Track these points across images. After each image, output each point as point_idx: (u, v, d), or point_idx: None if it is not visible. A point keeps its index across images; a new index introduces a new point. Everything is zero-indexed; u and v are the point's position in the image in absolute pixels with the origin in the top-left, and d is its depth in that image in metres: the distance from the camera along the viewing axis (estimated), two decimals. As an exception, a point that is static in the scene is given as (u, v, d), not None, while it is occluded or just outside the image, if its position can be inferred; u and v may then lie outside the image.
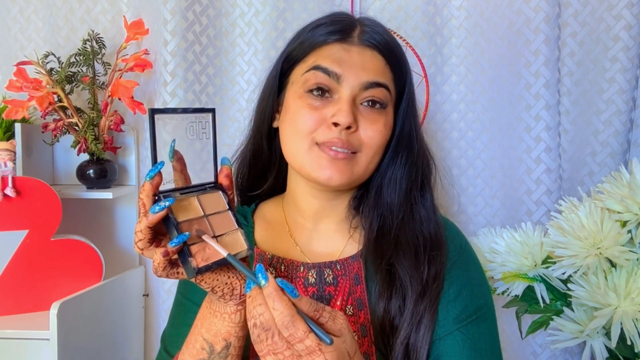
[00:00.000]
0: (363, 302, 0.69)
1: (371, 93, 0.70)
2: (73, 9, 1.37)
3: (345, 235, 0.75)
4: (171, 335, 0.73)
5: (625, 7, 1.18)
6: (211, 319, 0.62)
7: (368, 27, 0.74)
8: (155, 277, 0.84)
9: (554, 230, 0.94)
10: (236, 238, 0.60)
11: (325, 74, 0.69)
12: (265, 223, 0.79)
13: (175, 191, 0.58)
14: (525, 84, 1.21)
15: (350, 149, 0.69)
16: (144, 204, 0.54)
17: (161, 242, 0.57)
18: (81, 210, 1.34)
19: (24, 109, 1.22)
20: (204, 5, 1.28)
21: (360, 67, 0.70)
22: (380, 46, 0.72)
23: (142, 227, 0.54)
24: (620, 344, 0.86)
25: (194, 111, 0.58)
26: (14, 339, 1.06)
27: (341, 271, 0.72)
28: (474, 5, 1.26)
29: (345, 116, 0.67)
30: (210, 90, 1.30)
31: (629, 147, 1.23)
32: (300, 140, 0.70)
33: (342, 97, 0.69)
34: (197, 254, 0.56)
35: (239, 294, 0.60)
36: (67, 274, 1.16)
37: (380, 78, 0.71)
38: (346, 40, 0.72)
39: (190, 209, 0.58)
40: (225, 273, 0.59)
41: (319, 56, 0.72)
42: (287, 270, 0.72)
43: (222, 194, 0.62)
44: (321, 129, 0.69)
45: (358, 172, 0.70)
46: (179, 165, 0.58)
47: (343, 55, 0.70)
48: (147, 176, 0.54)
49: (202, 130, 0.59)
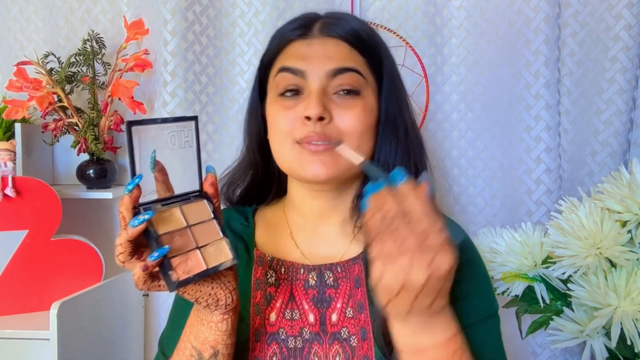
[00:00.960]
0: (363, 305, 0.69)
1: (341, 80, 0.68)
2: (73, 9, 1.37)
3: (349, 237, 0.74)
4: (169, 337, 0.73)
5: (625, 7, 1.18)
6: (199, 326, 0.62)
7: (330, 18, 0.73)
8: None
9: (554, 230, 0.94)
10: (221, 248, 0.59)
11: (291, 74, 0.69)
12: (266, 225, 0.79)
13: (157, 202, 0.57)
14: (525, 84, 1.21)
15: (329, 140, 0.67)
16: (124, 217, 0.54)
17: (143, 254, 0.56)
18: (81, 210, 1.34)
19: (24, 109, 1.22)
20: (204, 5, 1.28)
21: (323, 57, 0.69)
22: (343, 33, 0.71)
23: (122, 241, 0.54)
24: (620, 344, 0.86)
25: (174, 120, 0.57)
26: (14, 339, 1.06)
27: (342, 273, 0.71)
28: (474, 5, 1.26)
29: (314, 107, 0.66)
30: (210, 90, 1.30)
31: (629, 147, 1.23)
32: (282, 143, 0.70)
33: (311, 90, 0.68)
34: (178, 266, 0.55)
35: (224, 304, 0.59)
36: (67, 274, 1.16)
37: (347, 63, 0.69)
38: (307, 35, 0.71)
39: (172, 220, 0.57)
40: (209, 284, 0.58)
41: (283, 57, 0.72)
42: (287, 273, 0.72)
43: (207, 202, 0.61)
44: (297, 126, 0.68)
45: (345, 163, 0.67)
46: (161, 175, 0.57)
47: (305, 50, 0.70)
48: (126, 189, 0.53)
49: (184, 139, 0.58)
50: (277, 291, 0.71)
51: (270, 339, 0.68)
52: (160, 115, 1.26)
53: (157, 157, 0.56)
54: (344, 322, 0.68)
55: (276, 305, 0.70)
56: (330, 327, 0.68)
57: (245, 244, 0.75)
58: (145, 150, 0.54)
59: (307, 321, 0.69)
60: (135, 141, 0.53)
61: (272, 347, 0.67)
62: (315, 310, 0.69)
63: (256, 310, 0.70)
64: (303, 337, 0.68)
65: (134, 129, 0.53)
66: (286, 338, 0.68)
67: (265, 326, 0.69)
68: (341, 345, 0.67)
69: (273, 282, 0.71)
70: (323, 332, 0.68)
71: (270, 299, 0.70)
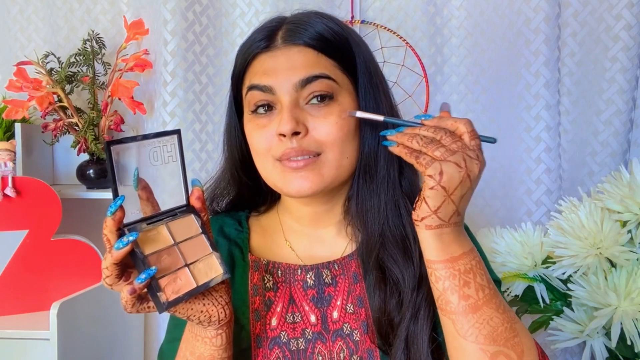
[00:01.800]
0: (363, 299, 0.69)
1: (311, 89, 0.66)
2: (73, 9, 1.37)
3: (345, 237, 0.74)
4: (168, 350, 0.72)
5: (625, 7, 1.18)
6: (194, 342, 0.61)
7: (291, 24, 0.70)
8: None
9: (554, 230, 0.94)
10: (211, 263, 0.58)
11: (259, 91, 0.67)
12: (261, 230, 0.78)
13: (142, 221, 0.55)
14: (525, 84, 1.21)
15: (309, 153, 0.65)
16: (108, 239, 0.52)
17: (130, 276, 0.55)
18: (81, 210, 1.34)
19: (24, 109, 1.22)
20: (204, 5, 1.28)
21: (289, 68, 0.66)
22: (306, 38, 0.68)
23: (108, 264, 0.52)
24: (620, 344, 0.86)
25: (155, 136, 0.55)
26: (14, 339, 1.06)
27: (339, 271, 0.71)
28: (474, 5, 1.26)
29: (285, 123, 0.64)
30: (210, 90, 1.30)
31: (629, 147, 1.23)
32: (263, 162, 0.69)
33: (283, 105, 0.66)
34: (167, 286, 0.54)
35: (217, 319, 0.58)
36: (67, 274, 1.16)
37: (315, 70, 0.66)
38: (270, 46, 0.69)
39: (159, 238, 0.56)
40: (200, 301, 0.57)
41: (251, 74, 0.70)
42: (284, 275, 0.72)
43: (194, 217, 0.59)
44: (274, 144, 0.66)
45: (330, 173, 0.67)
46: (145, 193, 0.55)
47: (270, 63, 0.68)
48: (108, 212, 0.52)
49: (167, 154, 0.56)
50: (277, 295, 0.70)
51: (272, 344, 0.68)
52: (160, 116, 1.26)
53: (140, 174, 0.54)
54: (345, 318, 0.68)
55: (277, 309, 0.70)
56: (331, 324, 0.68)
57: (240, 250, 0.74)
58: (127, 169, 0.53)
59: (308, 322, 0.69)
60: (114, 161, 0.51)
61: (274, 351, 0.67)
62: (315, 310, 0.69)
63: (256, 316, 0.69)
64: (305, 338, 0.68)
65: (112, 148, 0.51)
66: (288, 341, 0.68)
67: (266, 331, 0.68)
68: (344, 341, 0.67)
69: (271, 287, 0.71)
70: (325, 330, 0.68)
71: (270, 304, 0.70)
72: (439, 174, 0.55)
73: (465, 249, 0.59)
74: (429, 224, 0.58)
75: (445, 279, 0.58)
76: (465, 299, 0.58)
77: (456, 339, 0.59)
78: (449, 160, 0.55)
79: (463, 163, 0.56)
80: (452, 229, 0.59)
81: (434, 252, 0.59)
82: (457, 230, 0.59)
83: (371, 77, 0.71)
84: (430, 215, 0.57)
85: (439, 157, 0.56)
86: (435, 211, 0.57)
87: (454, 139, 0.57)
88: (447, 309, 0.59)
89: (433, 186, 0.56)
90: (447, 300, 0.59)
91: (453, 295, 0.58)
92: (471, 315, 0.58)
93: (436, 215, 0.57)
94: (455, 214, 0.58)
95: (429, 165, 0.56)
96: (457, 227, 0.59)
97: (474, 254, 0.60)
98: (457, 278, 0.58)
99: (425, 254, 0.60)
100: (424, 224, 0.58)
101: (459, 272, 0.58)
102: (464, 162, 0.56)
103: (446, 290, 0.58)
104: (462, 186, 0.56)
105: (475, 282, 0.58)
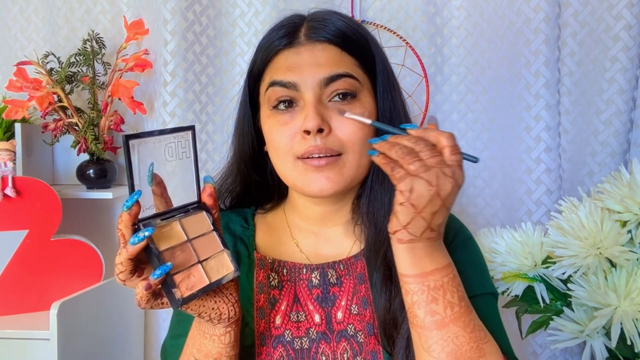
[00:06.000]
0: (368, 300, 0.69)
1: (334, 87, 0.67)
2: (73, 9, 1.37)
3: (353, 237, 0.74)
4: (171, 346, 0.71)
5: (625, 7, 1.18)
6: (201, 339, 0.61)
7: (314, 21, 0.70)
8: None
9: (554, 230, 0.94)
10: (222, 260, 0.58)
11: (282, 87, 0.67)
12: (267, 227, 0.78)
13: (156, 217, 0.55)
14: (525, 84, 1.21)
15: (331, 152, 0.66)
16: (123, 234, 0.53)
17: (143, 272, 0.55)
18: (81, 210, 1.34)
19: (24, 109, 1.22)
20: (204, 5, 1.28)
21: (314, 66, 0.67)
22: (330, 36, 0.68)
23: (123, 260, 0.52)
24: (620, 344, 0.86)
25: (172, 131, 0.55)
26: (14, 339, 1.06)
27: (344, 271, 0.71)
28: (474, 5, 1.26)
29: (311, 120, 0.64)
30: (210, 90, 1.30)
31: (629, 147, 1.23)
32: (283, 160, 0.68)
33: (306, 102, 0.66)
34: (181, 282, 0.54)
35: (226, 317, 0.59)
36: (67, 274, 1.16)
37: (339, 69, 0.67)
38: (293, 43, 0.69)
39: (173, 234, 0.56)
40: (212, 298, 0.58)
41: (273, 70, 0.69)
42: (289, 274, 0.72)
43: (206, 214, 0.59)
44: (296, 141, 0.66)
45: (349, 174, 0.67)
46: (159, 189, 0.55)
47: (294, 60, 0.68)
48: (125, 206, 0.52)
49: (182, 150, 0.57)
50: (281, 294, 0.70)
51: (276, 342, 0.68)
52: (161, 116, 1.27)
53: (155, 170, 0.54)
54: (350, 319, 0.68)
55: (281, 308, 0.70)
56: (336, 325, 0.68)
57: (246, 247, 0.74)
58: (143, 163, 0.53)
59: (312, 321, 0.69)
60: (133, 155, 0.51)
61: (278, 350, 0.67)
62: (320, 309, 0.69)
63: (260, 314, 0.69)
64: (310, 337, 0.68)
65: (131, 142, 0.51)
66: (292, 340, 0.68)
67: (270, 329, 0.68)
68: (348, 342, 0.67)
69: (276, 285, 0.71)
70: (329, 330, 0.68)
71: (274, 302, 0.70)
72: (409, 191, 0.55)
73: (439, 264, 0.59)
74: (400, 238, 0.58)
75: (414, 293, 0.59)
76: (431, 315, 0.58)
77: (421, 352, 0.60)
78: (421, 177, 0.55)
79: (435, 181, 0.55)
80: (425, 244, 0.58)
81: (405, 266, 0.59)
82: (431, 246, 0.59)
83: (389, 76, 0.72)
84: (400, 229, 0.57)
85: (412, 172, 0.56)
86: (406, 226, 0.57)
87: (432, 153, 0.56)
88: (414, 322, 0.60)
89: (402, 202, 0.56)
90: (415, 314, 0.59)
91: (420, 310, 0.59)
92: (436, 332, 0.58)
93: (406, 231, 0.57)
94: (427, 230, 0.57)
95: (401, 180, 0.56)
96: (430, 242, 0.59)
97: (448, 270, 0.60)
98: (426, 294, 0.58)
99: (397, 266, 0.60)
100: (395, 237, 0.58)
101: (427, 287, 0.58)
102: (435, 180, 0.55)
103: (414, 304, 0.59)
104: (432, 204, 0.56)
105: (445, 299, 0.58)
